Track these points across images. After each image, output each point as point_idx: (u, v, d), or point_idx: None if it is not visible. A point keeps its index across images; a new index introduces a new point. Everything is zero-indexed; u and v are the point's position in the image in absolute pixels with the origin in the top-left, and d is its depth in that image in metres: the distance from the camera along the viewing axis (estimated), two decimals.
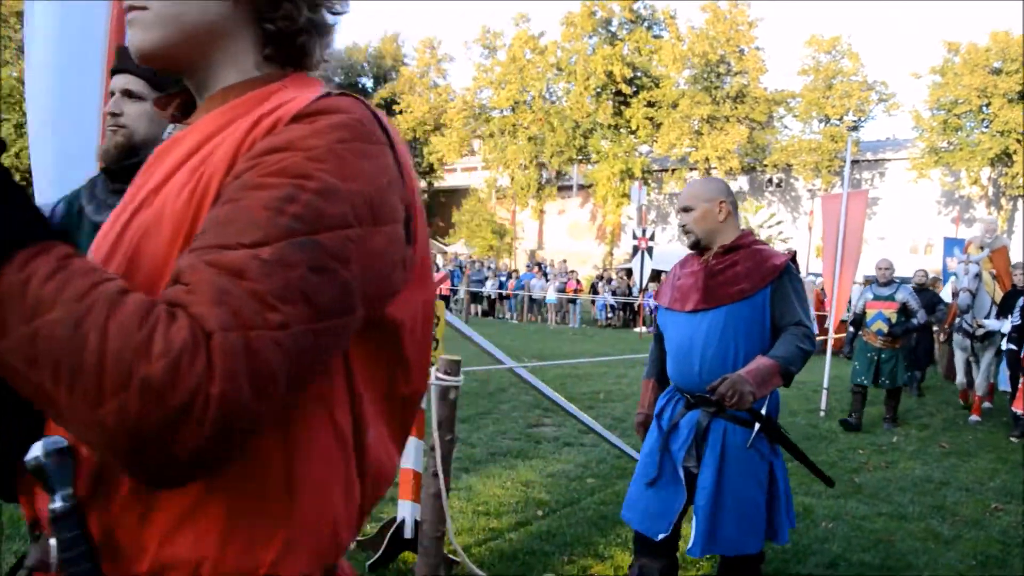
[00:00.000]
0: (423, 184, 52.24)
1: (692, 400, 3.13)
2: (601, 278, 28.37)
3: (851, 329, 9.56)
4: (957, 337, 10.21)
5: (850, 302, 11.23)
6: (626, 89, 41.48)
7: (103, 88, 2.36)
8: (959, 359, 10.39)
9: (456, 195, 51.20)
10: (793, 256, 3.18)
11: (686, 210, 3.22)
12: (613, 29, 43.00)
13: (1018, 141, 33.48)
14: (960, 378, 10.51)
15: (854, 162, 39.31)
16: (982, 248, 10.53)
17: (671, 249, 38.57)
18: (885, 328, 8.91)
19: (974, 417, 9.71)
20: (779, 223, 34.69)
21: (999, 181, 35.74)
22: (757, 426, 3.01)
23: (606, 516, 5.27)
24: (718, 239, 3.20)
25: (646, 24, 43.03)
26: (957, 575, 4.57)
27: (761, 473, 3.05)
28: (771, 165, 39.89)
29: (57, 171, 2.39)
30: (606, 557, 4.57)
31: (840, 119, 38.30)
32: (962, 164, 35.15)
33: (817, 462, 7.11)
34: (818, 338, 7.40)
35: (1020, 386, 8.08)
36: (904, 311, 8.91)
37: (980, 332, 9.64)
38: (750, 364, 2.86)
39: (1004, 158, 34.40)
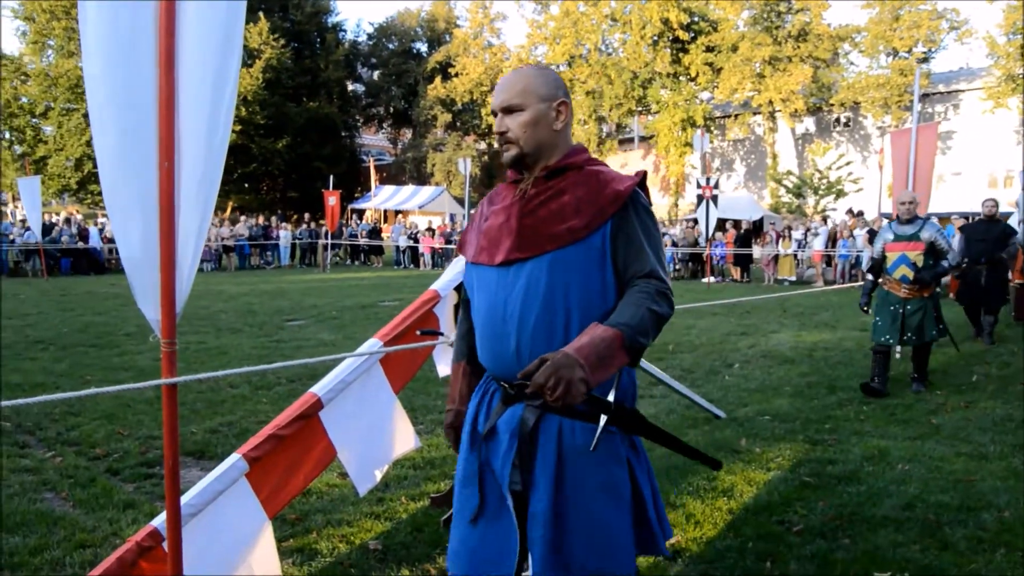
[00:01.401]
0: (483, 146, 52.25)
1: (511, 391, 2.23)
2: (670, 230, 28.05)
3: (869, 277, 7.92)
4: None
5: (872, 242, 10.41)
6: (683, 35, 40.60)
7: (155, 83, 2.46)
8: None
9: None
10: (642, 178, 2.32)
11: (509, 111, 2.28)
12: None
13: None
14: None
15: (925, 95, 37.96)
16: None
17: (737, 196, 38.12)
18: (910, 274, 7.47)
19: None
20: (848, 163, 33.66)
21: None
22: (604, 419, 2.07)
23: (676, 466, 5.26)
24: (544, 157, 2.29)
25: None
26: None
27: (616, 479, 2.21)
28: (838, 104, 38.72)
29: (119, 154, 2.48)
30: (679, 506, 4.58)
31: (909, 51, 36.90)
32: None
33: (892, 404, 7.03)
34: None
35: None
36: (932, 252, 7.50)
37: None
38: (581, 337, 1.99)
39: None
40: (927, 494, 4.73)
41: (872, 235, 20.87)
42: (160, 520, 2.84)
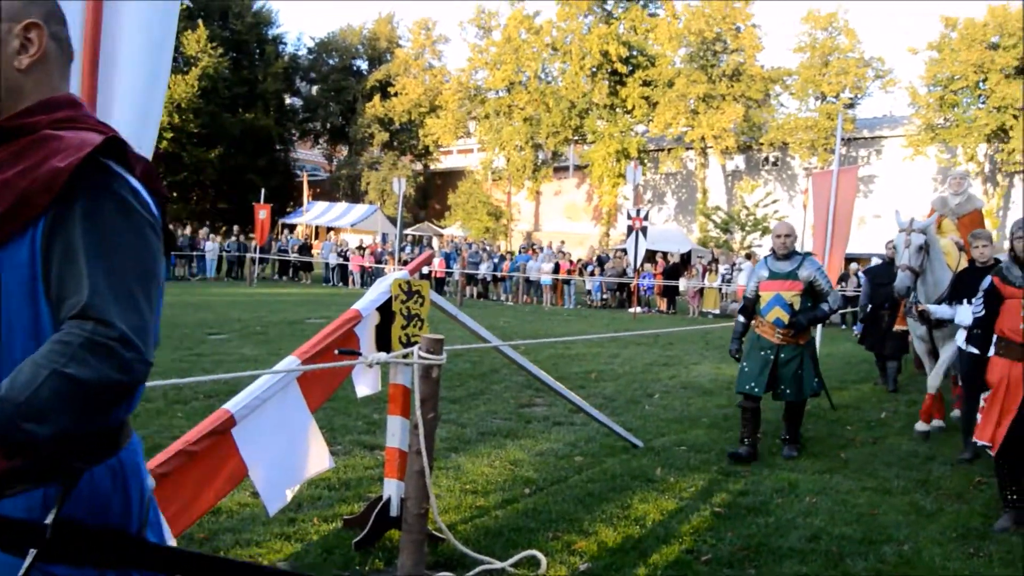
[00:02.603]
0: (419, 166, 52.20)
1: None
2: (593, 260, 28.39)
3: (740, 319, 7.02)
4: (912, 324, 8.12)
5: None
6: (622, 68, 41.30)
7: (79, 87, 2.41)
8: (920, 351, 8.26)
9: (452, 177, 51.15)
10: (110, 143, 1.46)
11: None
12: (608, 8, 42.78)
13: (1015, 117, 33.37)
14: (931, 379, 7.85)
15: (851, 139, 39.27)
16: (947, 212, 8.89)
17: (667, 228, 38.76)
18: (785, 317, 6.53)
19: (921, 426, 7.52)
20: (775, 201, 34.56)
21: (995, 157, 35.65)
22: (32, 554, 1.30)
23: (592, 493, 5.32)
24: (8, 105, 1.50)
25: (641, 2, 42.81)
26: (938, 547, 4.62)
27: None
28: (767, 144, 39.77)
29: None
30: (590, 533, 4.62)
31: (836, 96, 38.16)
32: (958, 140, 35.05)
33: (804, 439, 7.20)
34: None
35: (982, 409, 5.30)
36: (811, 293, 6.62)
37: (935, 319, 7.26)
38: None
39: (1000, 134, 34.31)
40: (832, 526, 4.86)
41: None
42: None
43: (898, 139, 38.48)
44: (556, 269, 25.47)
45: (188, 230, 31.37)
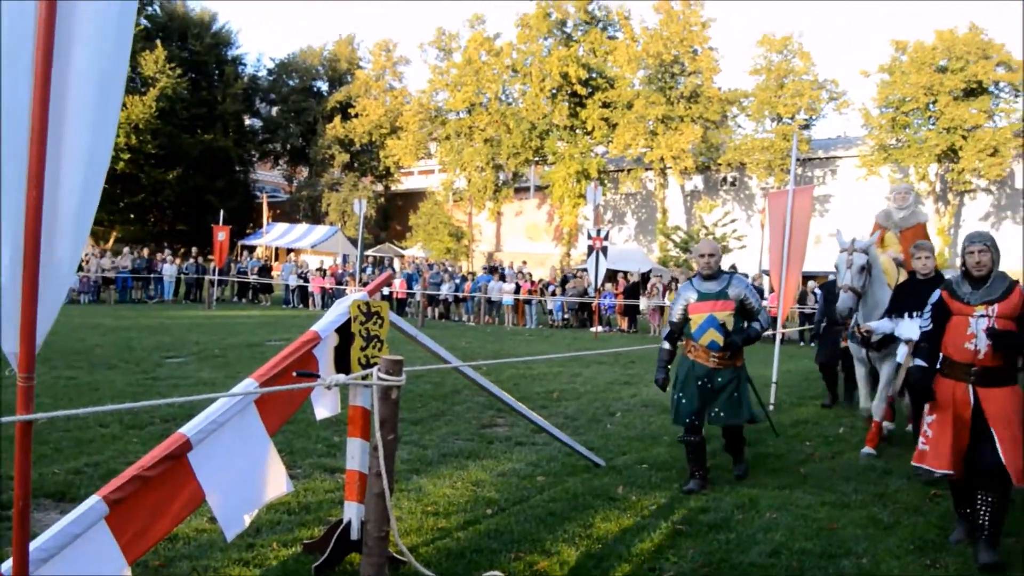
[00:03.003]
0: (380, 187, 52.09)
1: None
2: (558, 279, 28.48)
3: (665, 346, 6.59)
4: (852, 347, 7.97)
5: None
6: (581, 90, 41.66)
7: (30, 84, 2.34)
8: (859, 374, 8.11)
9: (413, 198, 51.11)
10: None
11: None
12: (568, 30, 43.17)
13: (963, 137, 34.21)
14: (863, 402, 8.01)
15: (806, 160, 39.95)
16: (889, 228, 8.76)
17: (627, 248, 39.03)
18: (720, 339, 6.13)
19: (867, 450, 7.40)
20: (733, 220, 35.01)
21: (946, 177, 36.49)
22: None
23: (554, 513, 5.32)
24: None
25: (600, 25, 43.26)
26: (896, 560, 4.68)
27: None
28: (725, 164, 40.29)
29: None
30: (553, 553, 4.61)
31: (792, 118, 38.80)
32: (910, 161, 35.83)
33: (764, 455, 7.26)
34: (766, 333, 7.04)
35: (922, 431, 5.02)
36: (743, 312, 6.27)
37: (875, 339, 7.27)
38: None
39: (950, 154, 35.13)
40: (792, 541, 4.90)
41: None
42: (7, 566, 2.69)
43: (852, 159, 39.23)
44: (517, 289, 25.51)
45: (145, 252, 30.95)
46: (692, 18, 39.42)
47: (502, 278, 26.80)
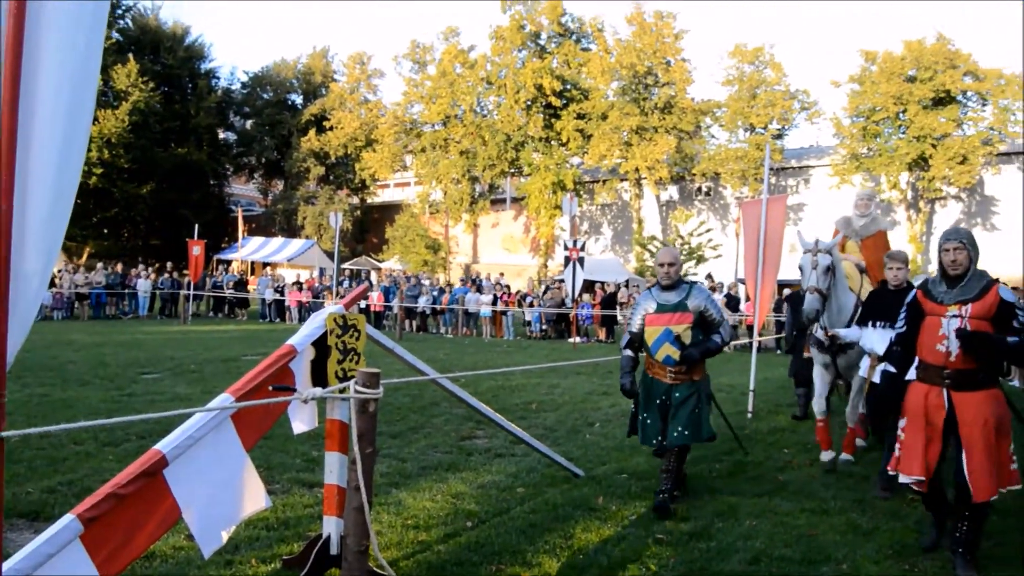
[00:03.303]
0: (356, 200, 51.96)
1: None
2: (540, 289, 28.50)
3: (627, 353, 6.36)
4: (815, 353, 7.70)
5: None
6: (556, 102, 41.84)
7: None
8: (818, 380, 7.71)
9: (389, 211, 51.05)
10: None
11: None
12: (542, 42, 43.38)
13: (933, 146, 34.71)
14: (819, 405, 7.59)
15: (780, 169, 40.35)
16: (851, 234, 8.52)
17: (604, 259, 39.16)
18: (675, 354, 5.91)
19: (845, 456, 7.36)
20: (709, 230, 35.24)
21: (917, 185, 36.97)
22: None
23: (535, 524, 5.30)
24: None
25: (574, 37, 43.51)
26: (875, 564, 4.70)
27: None
28: (700, 174, 40.59)
29: None
30: (533, 564, 4.59)
31: (764, 128, 39.19)
32: (881, 169, 36.31)
33: (743, 462, 7.29)
34: (742, 341, 6.93)
35: (898, 440, 4.82)
36: (703, 324, 6.01)
37: (837, 344, 7.21)
38: None
39: (921, 162, 35.62)
40: (772, 548, 4.92)
41: (730, 300, 21.83)
42: None
43: (824, 168, 39.70)
44: (495, 301, 25.49)
45: (119, 267, 30.64)
46: (665, 30, 39.76)
47: (479, 290, 26.77)
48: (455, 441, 8.07)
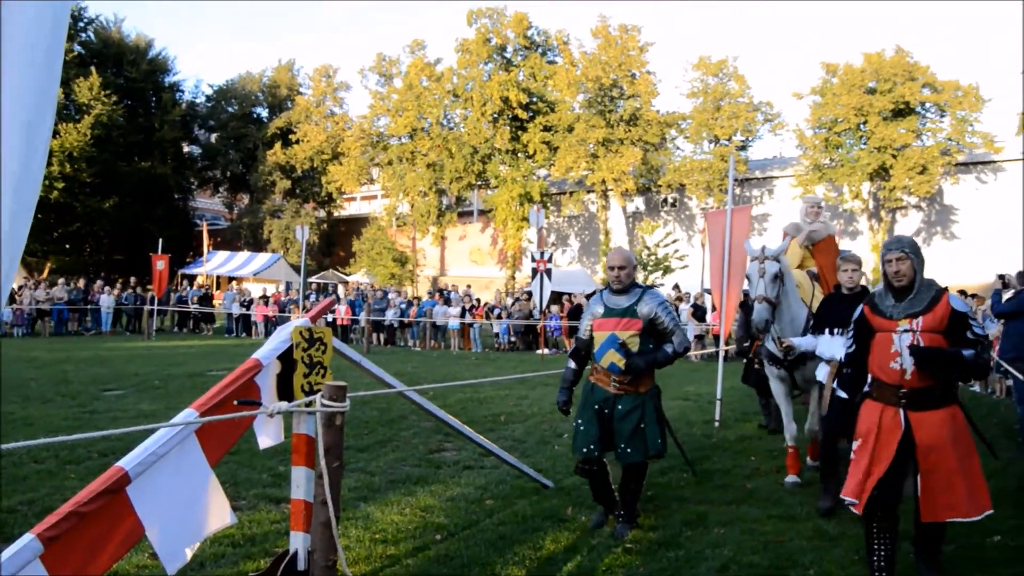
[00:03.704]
0: (322, 213, 51.68)
1: None
2: (499, 304, 28.51)
3: (571, 365, 6.02)
4: (767, 367, 7.37)
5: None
6: (522, 114, 41.96)
7: None
8: (777, 393, 7.39)
9: (356, 224, 50.84)
10: None
11: None
12: (508, 55, 43.49)
13: (893, 156, 35.26)
14: (789, 431, 7.14)
15: (744, 180, 40.79)
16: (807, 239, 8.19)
17: (572, 270, 39.29)
18: (621, 362, 5.48)
19: (791, 478, 6.91)
20: (675, 241, 35.52)
21: (878, 195, 37.52)
22: None
23: (504, 536, 5.29)
24: None
25: (540, 50, 43.68)
26: (842, 570, 4.75)
27: None
28: (665, 185, 40.87)
29: None
30: None
31: (729, 139, 39.58)
32: (843, 179, 36.80)
33: (711, 471, 7.33)
34: (709, 350, 6.88)
35: (853, 462, 4.49)
36: (653, 332, 5.58)
37: (792, 356, 6.79)
38: None
39: (882, 172, 36.16)
40: (741, 556, 4.95)
41: (696, 310, 21.98)
42: None
43: (788, 179, 40.16)
44: (463, 313, 25.46)
45: (81, 283, 30.20)
46: (630, 43, 40.04)
47: (447, 302, 26.73)
48: (424, 454, 8.04)
